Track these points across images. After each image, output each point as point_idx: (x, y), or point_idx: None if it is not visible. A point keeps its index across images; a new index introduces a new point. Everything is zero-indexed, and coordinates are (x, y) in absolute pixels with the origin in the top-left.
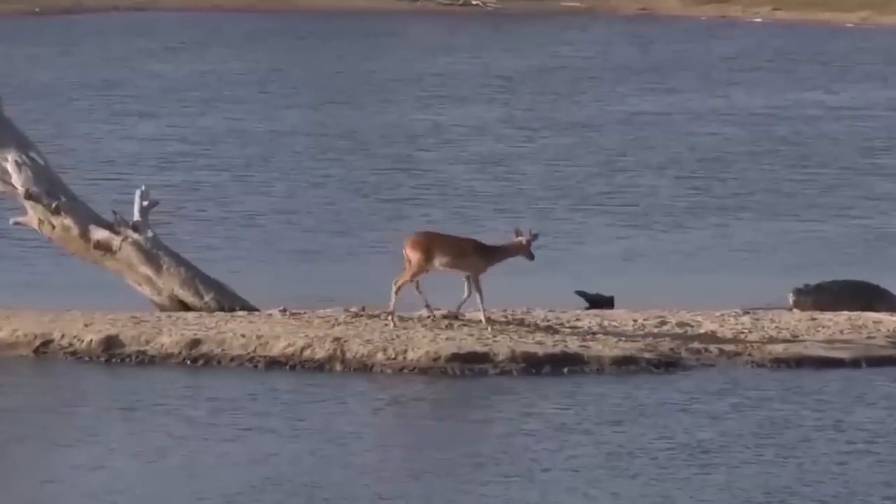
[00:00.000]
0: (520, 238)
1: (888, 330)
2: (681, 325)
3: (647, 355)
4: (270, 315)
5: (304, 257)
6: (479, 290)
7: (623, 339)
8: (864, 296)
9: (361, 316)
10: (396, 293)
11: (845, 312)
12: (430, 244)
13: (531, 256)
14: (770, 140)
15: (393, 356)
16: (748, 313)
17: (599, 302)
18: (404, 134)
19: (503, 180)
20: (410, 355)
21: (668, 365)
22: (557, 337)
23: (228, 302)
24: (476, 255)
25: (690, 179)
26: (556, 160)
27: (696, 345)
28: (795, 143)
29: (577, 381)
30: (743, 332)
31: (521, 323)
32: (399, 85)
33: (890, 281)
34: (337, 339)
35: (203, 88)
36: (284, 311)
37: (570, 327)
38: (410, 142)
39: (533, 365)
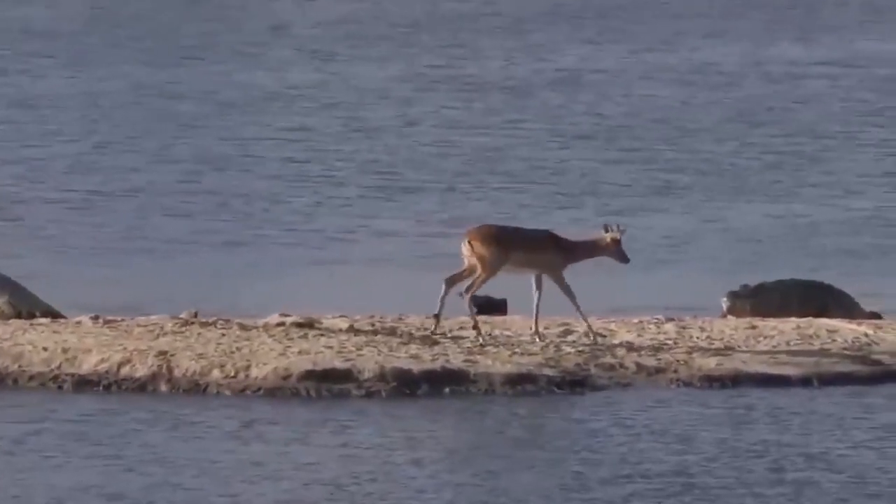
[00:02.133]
0: (609, 234)
1: (845, 340)
2: (590, 334)
3: (547, 372)
4: (79, 323)
5: (122, 252)
6: (570, 293)
7: (518, 351)
8: (815, 298)
9: (193, 324)
10: (470, 301)
11: (793, 319)
12: (503, 237)
13: (624, 258)
14: (728, 105)
15: (232, 374)
16: (672, 320)
17: (489, 306)
18: (270, 96)
19: (390, 153)
20: (254, 373)
21: (573, 384)
22: (437, 349)
23: (27, 306)
24: (553, 250)
25: (620, 153)
26: (455, 127)
27: (608, 359)
28: (755, 109)
29: (461, 405)
30: (666, 344)
31: (392, 332)
32: (267, 39)
33: (846, 280)
34: (163, 354)
35: None
36: (97, 318)
37: (453, 337)
38: (285, 105)
39: (406, 384)
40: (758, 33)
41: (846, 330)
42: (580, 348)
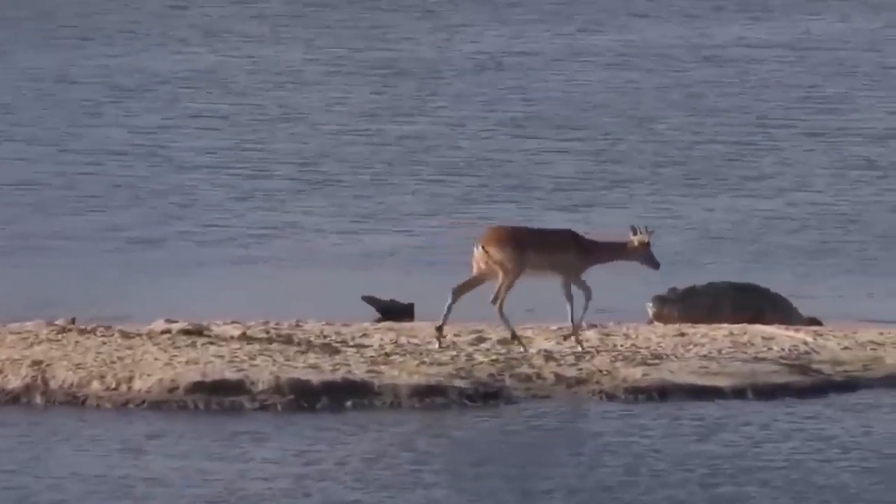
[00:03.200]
0: (636, 237)
1: (782, 348)
2: (505, 342)
3: (459, 383)
4: None
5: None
6: (571, 298)
7: (427, 361)
8: (749, 303)
9: (70, 331)
10: (501, 311)
11: (725, 325)
12: (520, 238)
13: (654, 262)
14: (671, 90)
15: (113, 386)
16: (595, 327)
17: (395, 311)
18: (170, 81)
19: (309, 141)
20: (137, 385)
21: (487, 396)
22: (338, 359)
23: None
24: (574, 251)
25: (555, 142)
26: (376, 114)
27: (524, 369)
28: (701, 95)
29: (363, 419)
30: (588, 352)
31: (288, 340)
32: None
33: (784, 281)
34: (37, 363)
35: None
36: None
37: (356, 346)
38: (188, 90)
39: (304, 396)
40: (686, 12)
41: (783, 337)
42: (494, 357)
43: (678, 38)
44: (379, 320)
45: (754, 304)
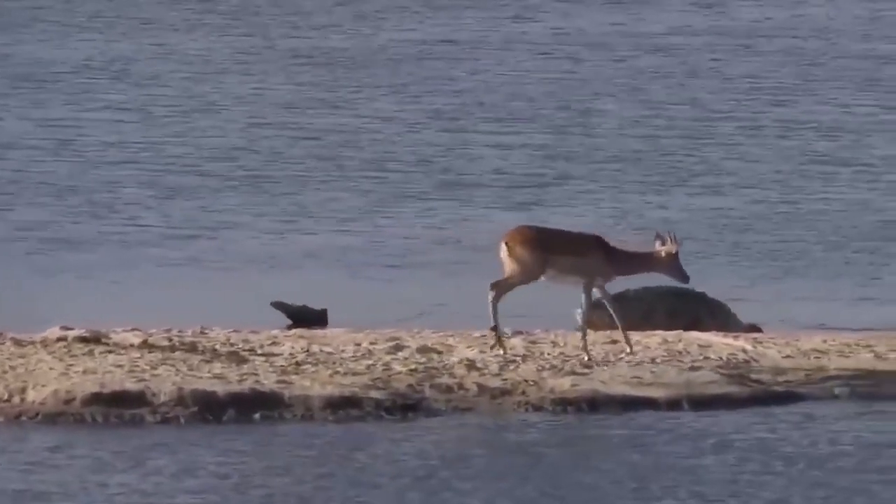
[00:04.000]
0: (664, 247)
1: (720, 357)
2: (424, 350)
3: (375, 394)
4: None
5: None
6: (589, 305)
7: (341, 371)
8: (685, 308)
9: None
10: (495, 304)
11: (659, 332)
12: (545, 239)
13: (682, 275)
14: (610, 80)
15: (5, 397)
16: (521, 334)
17: (306, 317)
18: (78, 70)
19: (231, 135)
20: (31, 396)
21: (405, 408)
22: (246, 368)
23: None
24: (600, 257)
25: (484, 135)
26: (298, 106)
27: (445, 379)
28: (640, 85)
29: (272, 433)
30: (514, 361)
31: (192, 348)
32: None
33: (722, 285)
34: None
35: None
36: None
37: (265, 354)
38: (99, 80)
39: (209, 409)
40: None
41: (721, 345)
42: (413, 367)
43: (614, 26)
44: (289, 327)
45: (690, 309)
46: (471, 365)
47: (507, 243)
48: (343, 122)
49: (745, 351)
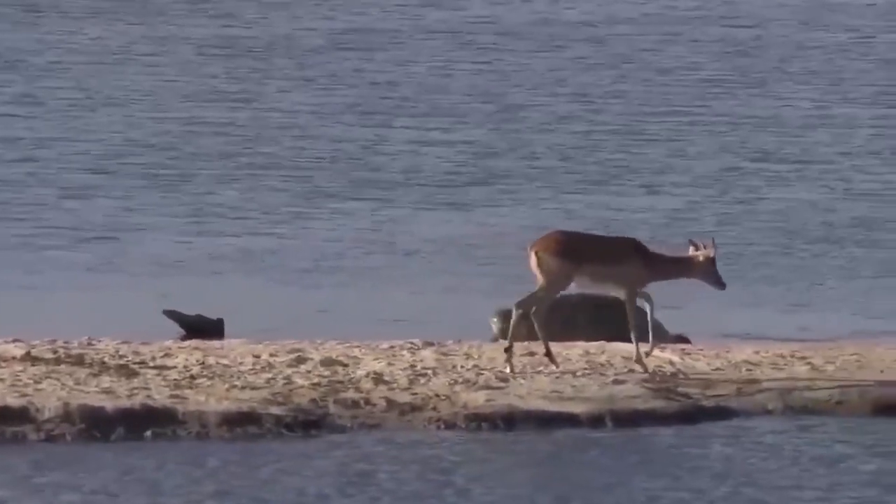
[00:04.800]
0: (701, 252)
1: (645, 369)
2: (328, 362)
3: (275, 410)
4: None
5: None
6: (634, 316)
7: (239, 385)
8: (607, 318)
9: None
10: (540, 324)
11: (580, 343)
12: (576, 244)
13: (719, 281)
14: (532, 72)
15: None
16: (431, 345)
17: (202, 327)
18: None
19: (140, 130)
20: None
21: (307, 425)
22: (136, 382)
23: None
24: (637, 262)
25: (408, 131)
26: (215, 100)
27: (351, 394)
28: (567, 77)
29: (165, 451)
30: (424, 374)
31: (79, 361)
32: None
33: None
34: None
35: None
36: None
37: (157, 367)
38: None
39: (98, 426)
40: None
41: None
42: (316, 381)
43: (538, 14)
44: (183, 338)
45: (613, 319)
46: (378, 378)
47: (536, 252)
48: (251, 116)
49: (672, 363)
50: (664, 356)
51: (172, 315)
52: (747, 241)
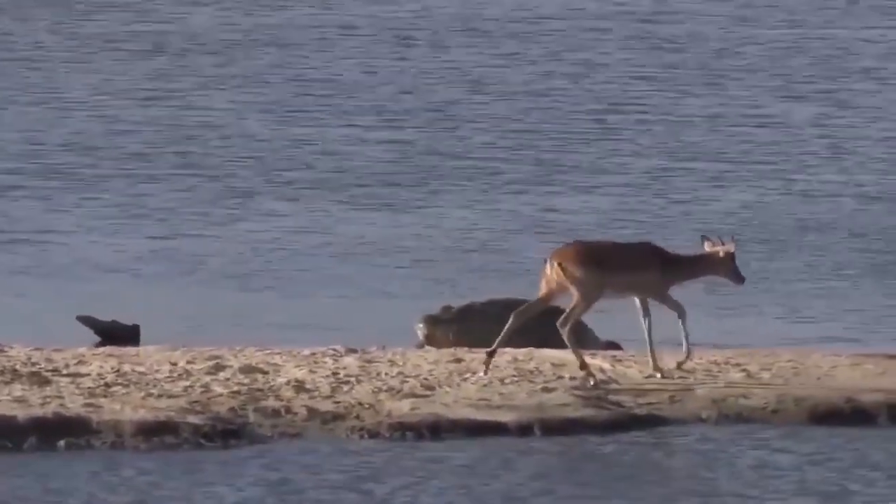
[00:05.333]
0: (721, 248)
1: (575, 377)
2: (248, 370)
3: (193, 419)
4: None
5: None
6: (649, 321)
7: (155, 393)
8: (536, 324)
9: None
10: (571, 336)
11: (508, 350)
12: (601, 255)
13: (739, 276)
14: (461, 69)
15: None
16: (355, 352)
17: (117, 333)
18: None
19: (36, 128)
20: None
21: (226, 434)
22: (49, 391)
23: None
24: (658, 267)
25: (335, 129)
26: (117, 96)
27: (271, 402)
28: (497, 75)
29: (79, 461)
30: (347, 382)
31: None
32: None
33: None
34: None
35: None
36: None
37: (70, 375)
38: None
39: (9, 435)
40: None
41: (577, 364)
42: (235, 389)
43: (466, 10)
44: (98, 344)
45: (542, 325)
46: (299, 386)
47: (559, 264)
48: (170, 114)
49: (603, 370)
50: (595, 363)
51: (86, 321)
52: (680, 242)
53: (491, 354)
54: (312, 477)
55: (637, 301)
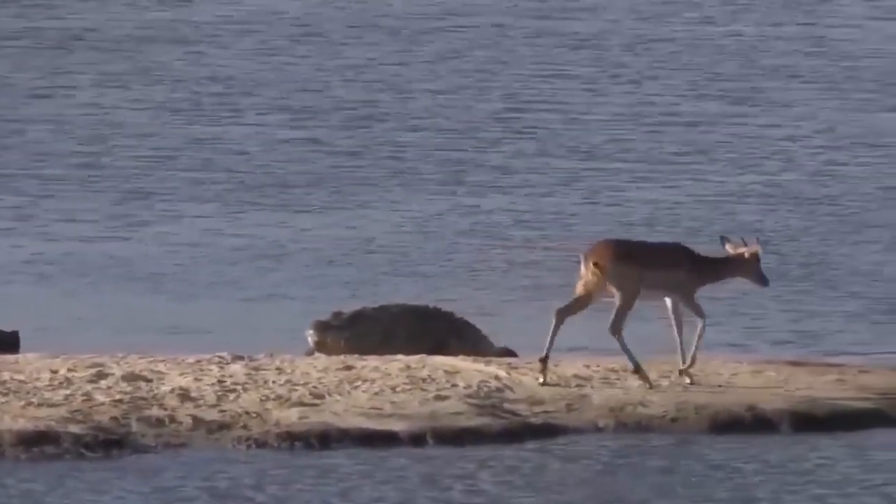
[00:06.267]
0: (747, 249)
1: (469, 385)
2: (131, 378)
3: (74, 429)
4: None
5: None
6: (681, 325)
7: (35, 402)
8: (429, 330)
9: None
10: (622, 340)
11: (400, 357)
12: (635, 253)
13: (763, 279)
14: (366, 69)
15: None
16: (241, 360)
17: None
18: None
19: None
20: None
21: (108, 444)
22: None
23: None
24: (688, 268)
25: (251, 127)
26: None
27: (155, 411)
28: (398, 74)
29: None
30: (234, 390)
31: None
32: None
33: (471, 304)
34: None
35: None
36: None
37: None
38: None
39: None
40: None
41: (471, 371)
42: (117, 397)
43: (366, 7)
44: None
45: (435, 331)
46: (184, 395)
47: (596, 263)
48: (54, 112)
49: (497, 378)
50: (489, 370)
51: None
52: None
53: (544, 361)
54: (197, 488)
55: (669, 309)
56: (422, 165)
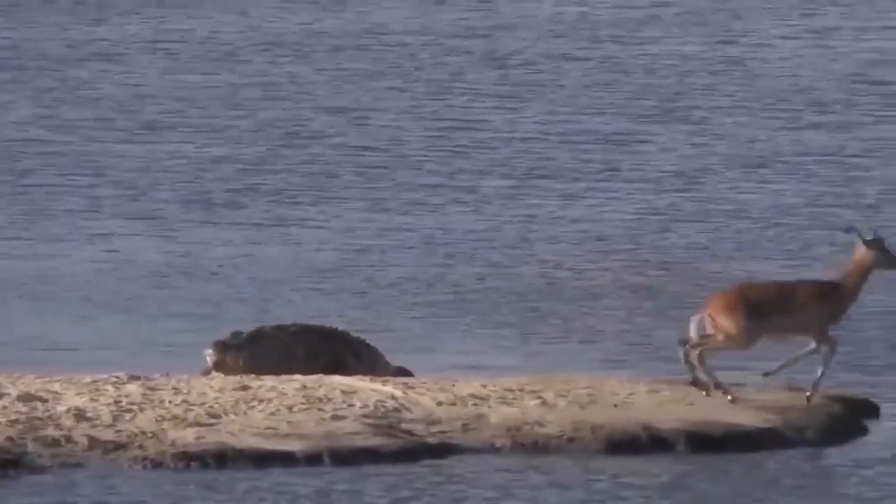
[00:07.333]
0: (858, 250)
1: (366, 404)
2: (26, 398)
3: None
4: None
5: None
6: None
7: None
8: (326, 349)
9: None
10: (702, 358)
11: (297, 377)
12: (758, 301)
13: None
14: (251, 86)
15: None
16: (137, 379)
17: None
18: None
19: None
20: None
21: (4, 464)
22: None
23: None
24: (824, 301)
25: (156, 145)
26: None
27: (51, 431)
28: (273, 90)
29: None
30: (130, 410)
31: None
32: None
33: (368, 323)
34: None
35: None
36: None
37: None
38: None
39: None
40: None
41: (367, 391)
42: (13, 417)
43: (301, 24)
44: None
45: (332, 350)
46: (80, 415)
47: (710, 314)
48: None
49: (394, 398)
50: (386, 390)
51: None
52: (461, 272)
53: (718, 386)
54: None
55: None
56: (333, 181)
